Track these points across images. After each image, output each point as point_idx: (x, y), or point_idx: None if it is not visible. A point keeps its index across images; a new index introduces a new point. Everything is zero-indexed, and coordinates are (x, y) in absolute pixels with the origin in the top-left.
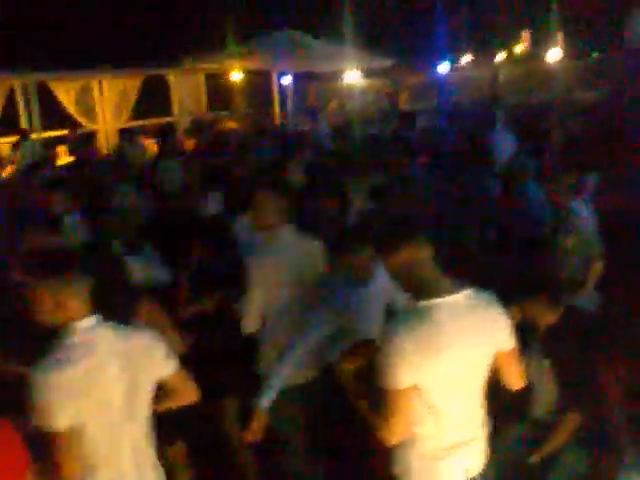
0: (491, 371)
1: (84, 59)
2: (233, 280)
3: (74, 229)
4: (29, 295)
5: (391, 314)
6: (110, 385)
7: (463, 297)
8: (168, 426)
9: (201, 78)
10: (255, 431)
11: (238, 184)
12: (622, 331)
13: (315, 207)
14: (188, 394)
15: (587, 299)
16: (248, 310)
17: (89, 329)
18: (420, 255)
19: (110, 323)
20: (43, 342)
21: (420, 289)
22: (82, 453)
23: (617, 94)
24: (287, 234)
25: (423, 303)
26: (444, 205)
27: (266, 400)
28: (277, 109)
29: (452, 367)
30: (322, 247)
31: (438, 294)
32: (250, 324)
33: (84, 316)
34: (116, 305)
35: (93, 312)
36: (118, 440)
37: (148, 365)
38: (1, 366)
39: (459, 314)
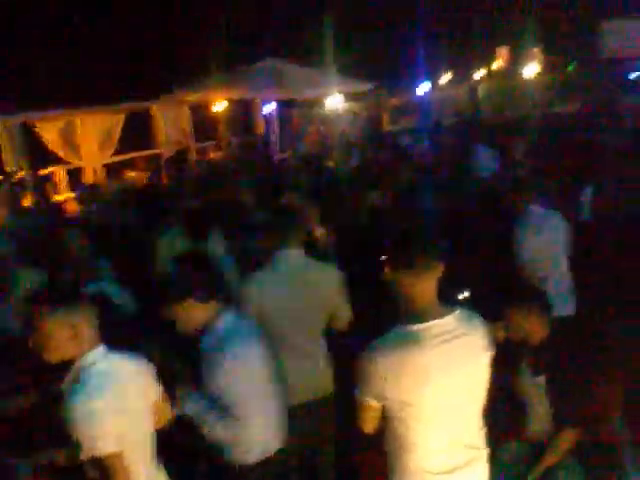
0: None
1: (66, 97)
2: None
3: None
4: (41, 329)
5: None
6: (135, 406)
7: (453, 320)
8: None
9: (184, 109)
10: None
11: None
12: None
13: None
14: (165, 415)
15: None
16: None
17: (102, 359)
18: (432, 278)
19: (115, 351)
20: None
21: (414, 311)
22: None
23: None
24: (294, 258)
25: (411, 327)
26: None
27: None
28: (261, 137)
29: (439, 392)
30: (339, 272)
31: (429, 318)
32: None
33: (95, 346)
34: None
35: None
36: (150, 457)
37: (149, 387)
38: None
39: (446, 339)
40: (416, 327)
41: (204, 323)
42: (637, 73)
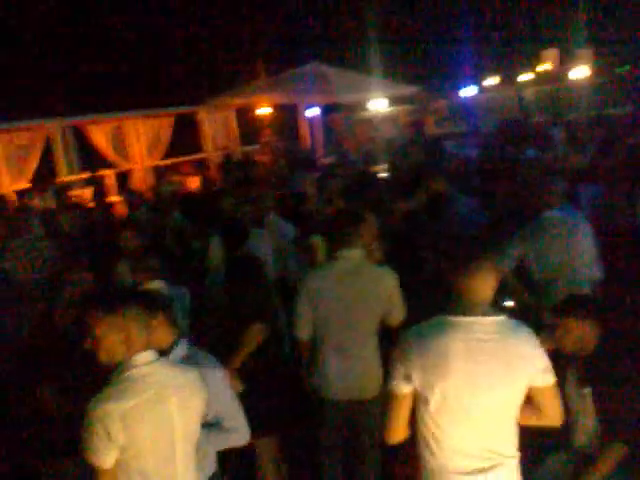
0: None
1: (117, 101)
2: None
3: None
4: (93, 332)
5: None
6: (169, 418)
7: (495, 323)
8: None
9: (231, 114)
10: None
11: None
12: None
13: None
14: None
15: None
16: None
17: (146, 363)
18: (485, 279)
19: (166, 359)
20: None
21: (460, 305)
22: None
23: None
24: (352, 258)
25: (451, 317)
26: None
27: None
28: (306, 141)
29: (464, 386)
30: (395, 276)
31: (471, 314)
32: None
33: (143, 350)
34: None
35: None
36: (173, 471)
37: (198, 402)
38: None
39: (482, 339)
40: (456, 319)
41: (162, 348)
42: None
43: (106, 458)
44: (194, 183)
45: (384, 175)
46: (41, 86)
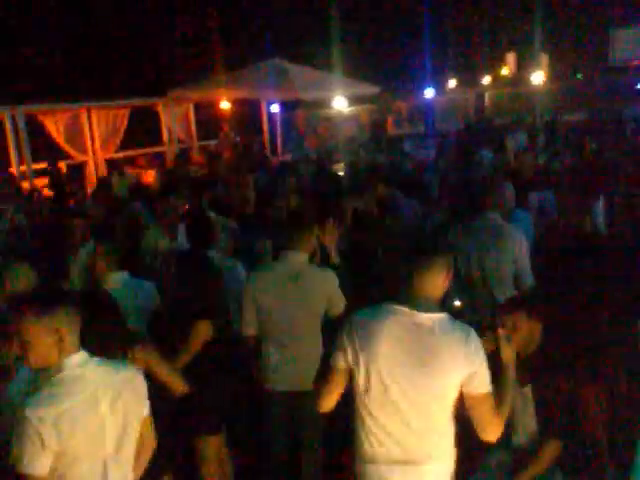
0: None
1: (73, 91)
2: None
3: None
4: (24, 335)
5: None
6: (101, 419)
7: (429, 319)
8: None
9: (190, 107)
10: None
11: None
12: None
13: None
14: (150, 443)
15: None
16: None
17: (79, 365)
18: (430, 276)
19: (99, 359)
20: None
21: (402, 295)
22: None
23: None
24: (295, 261)
25: (390, 305)
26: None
27: None
28: (266, 137)
29: (388, 372)
30: (334, 278)
31: (407, 305)
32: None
33: (75, 352)
34: (110, 346)
35: (83, 348)
36: (105, 472)
37: (135, 401)
38: None
39: (413, 331)
40: (400, 308)
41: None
42: None
43: (40, 466)
44: (150, 176)
45: (342, 173)
46: None
